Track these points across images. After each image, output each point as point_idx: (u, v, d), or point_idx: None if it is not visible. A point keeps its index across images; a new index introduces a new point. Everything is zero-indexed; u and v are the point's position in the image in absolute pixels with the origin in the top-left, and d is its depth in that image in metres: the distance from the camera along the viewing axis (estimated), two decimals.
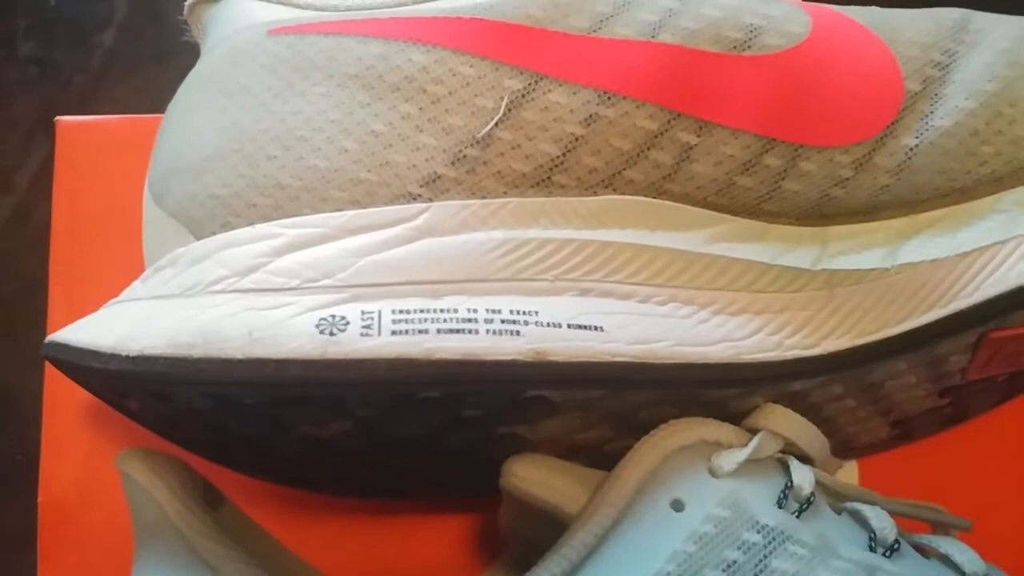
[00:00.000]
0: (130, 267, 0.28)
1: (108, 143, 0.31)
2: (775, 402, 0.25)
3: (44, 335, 0.31)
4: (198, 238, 0.23)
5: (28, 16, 0.46)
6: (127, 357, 0.21)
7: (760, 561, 0.21)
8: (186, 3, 0.27)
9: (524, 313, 0.22)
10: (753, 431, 0.25)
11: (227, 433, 0.24)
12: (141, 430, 0.26)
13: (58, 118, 0.31)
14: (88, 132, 0.31)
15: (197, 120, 0.24)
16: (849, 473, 0.33)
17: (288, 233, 0.22)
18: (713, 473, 0.23)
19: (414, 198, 0.23)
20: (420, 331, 0.21)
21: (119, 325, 0.22)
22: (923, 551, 0.25)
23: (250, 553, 0.26)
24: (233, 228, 0.23)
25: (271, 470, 0.26)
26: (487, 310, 0.22)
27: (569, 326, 0.22)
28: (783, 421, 0.25)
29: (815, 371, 0.24)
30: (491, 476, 0.24)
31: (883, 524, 0.24)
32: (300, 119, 0.23)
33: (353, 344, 0.20)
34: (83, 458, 0.29)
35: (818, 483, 0.25)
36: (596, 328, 0.22)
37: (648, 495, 0.22)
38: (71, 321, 0.29)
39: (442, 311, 0.21)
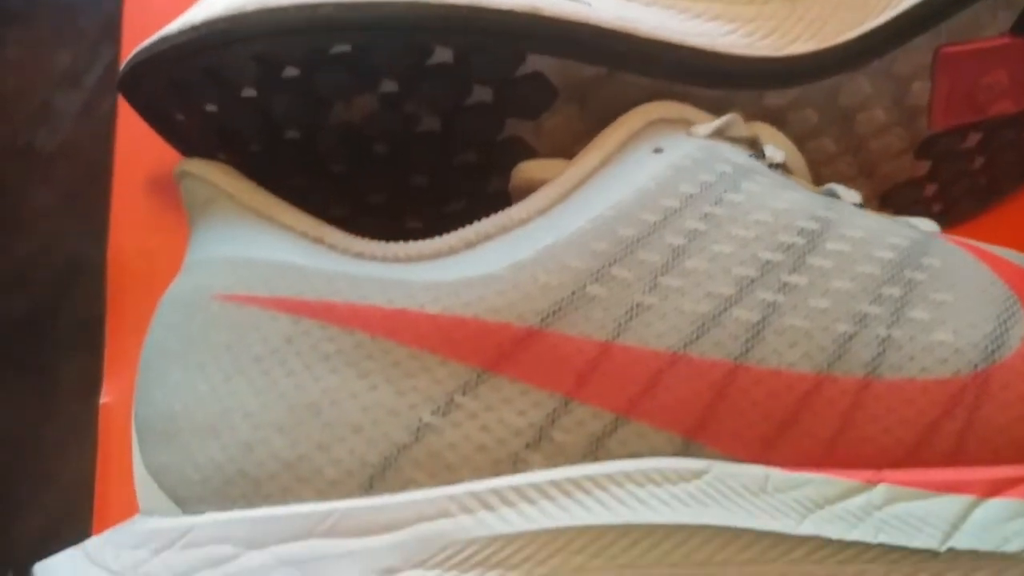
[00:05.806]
0: None
1: None
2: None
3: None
4: None
5: None
6: (192, 27, 0.25)
7: (733, 182, 0.24)
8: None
9: None
10: None
11: (274, 128, 0.27)
12: None
13: None
14: None
15: None
16: None
17: None
18: (690, 136, 0.26)
19: None
20: None
21: (185, 16, 0.26)
22: None
23: None
24: None
25: (317, 176, 0.30)
26: None
27: None
28: (759, 126, 0.28)
29: (783, 76, 0.28)
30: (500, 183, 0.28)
31: (849, 195, 0.27)
32: None
33: None
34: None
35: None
36: (585, 2, 0.26)
37: (632, 145, 0.25)
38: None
39: None
